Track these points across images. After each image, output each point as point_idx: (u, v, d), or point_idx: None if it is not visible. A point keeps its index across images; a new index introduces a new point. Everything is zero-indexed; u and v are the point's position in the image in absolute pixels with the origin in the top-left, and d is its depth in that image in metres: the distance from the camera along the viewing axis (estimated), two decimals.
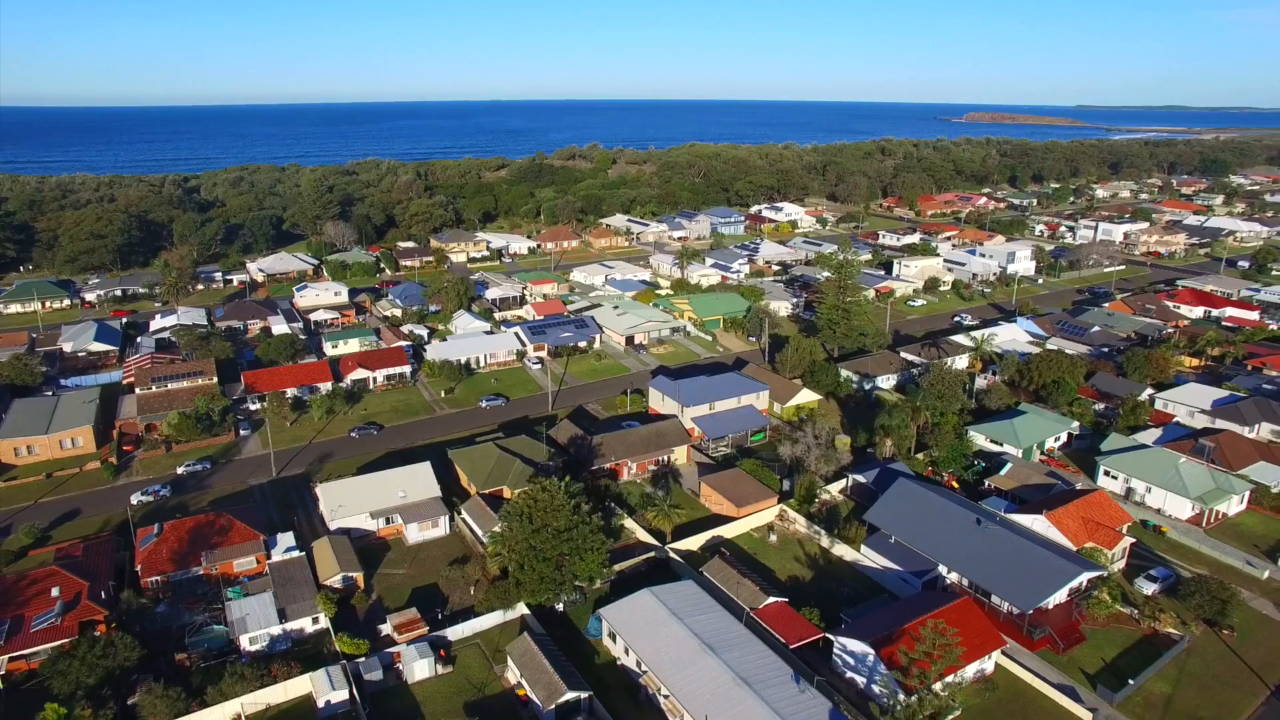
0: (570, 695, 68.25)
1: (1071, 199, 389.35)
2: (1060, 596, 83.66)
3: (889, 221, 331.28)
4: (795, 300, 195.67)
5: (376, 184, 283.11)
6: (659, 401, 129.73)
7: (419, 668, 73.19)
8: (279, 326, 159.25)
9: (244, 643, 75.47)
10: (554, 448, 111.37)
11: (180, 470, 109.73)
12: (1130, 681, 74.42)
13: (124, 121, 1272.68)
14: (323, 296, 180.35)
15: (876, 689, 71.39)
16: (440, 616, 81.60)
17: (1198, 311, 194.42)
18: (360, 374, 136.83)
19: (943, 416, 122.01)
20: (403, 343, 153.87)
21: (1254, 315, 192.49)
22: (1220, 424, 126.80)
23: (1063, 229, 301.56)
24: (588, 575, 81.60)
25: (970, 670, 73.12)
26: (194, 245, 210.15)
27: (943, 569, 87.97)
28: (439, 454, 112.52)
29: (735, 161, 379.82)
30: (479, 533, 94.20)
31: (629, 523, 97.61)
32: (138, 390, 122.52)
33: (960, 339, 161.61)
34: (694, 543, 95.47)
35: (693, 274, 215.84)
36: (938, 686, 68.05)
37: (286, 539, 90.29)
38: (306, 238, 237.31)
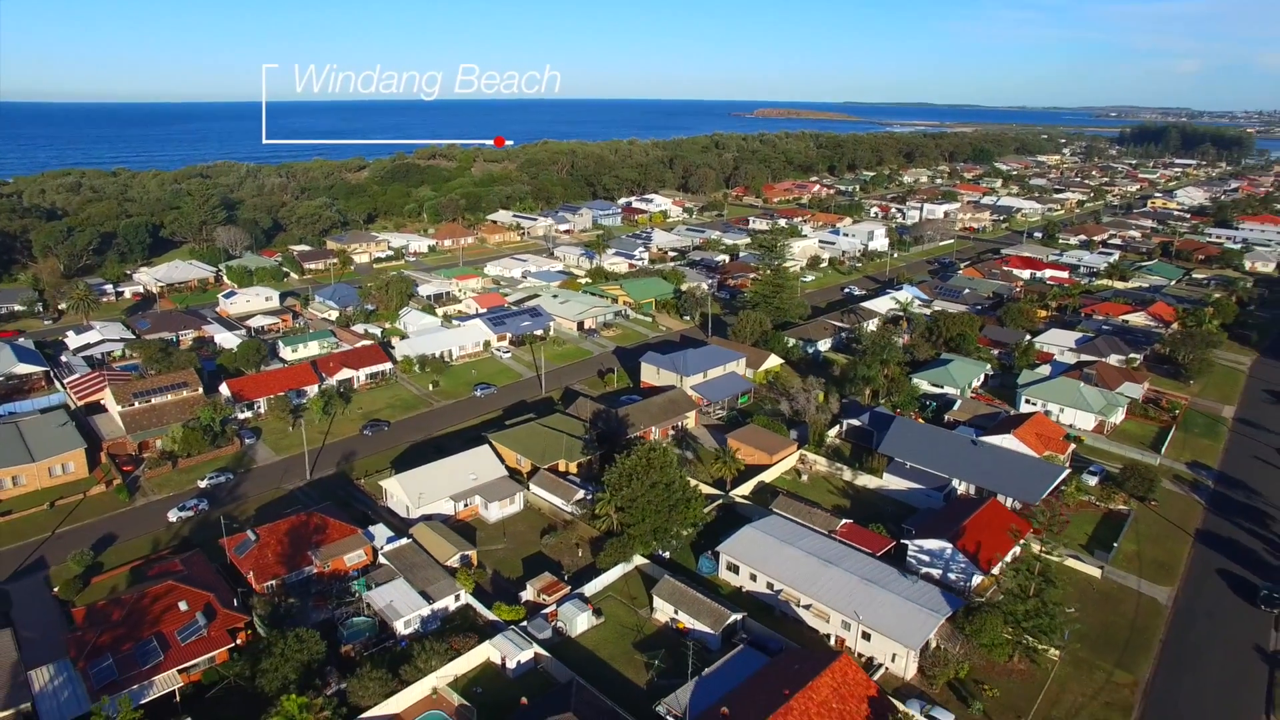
0: (734, 617, 78.18)
1: (886, 184, 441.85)
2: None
3: (744, 209, 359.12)
4: (710, 281, 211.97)
5: (239, 187, 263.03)
6: (654, 375, 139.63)
7: (580, 621, 79.29)
8: (220, 335, 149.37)
9: (399, 627, 77.27)
10: (584, 422, 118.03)
11: (203, 484, 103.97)
12: (1115, 545, 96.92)
13: None
14: (254, 302, 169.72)
15: (952, 576, 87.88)
16: (566, 578, 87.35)
17: (1026, 274, 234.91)
18: (345, 374, 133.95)
19: (887, 367, 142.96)
20: (365, 341, 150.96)
21: (1065, 274, 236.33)
22: (1085, 357, 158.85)
23: (893, 210, 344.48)
24: (692, 522, 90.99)
25: (1015, 550, 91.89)
26: (60, 257, 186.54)
27: (956, 482, 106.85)
28: (466, 440, 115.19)
29: (593, 157, 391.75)
30: (559, 503, 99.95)
31: None
32: (120, 408, 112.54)
33: (871, 305, 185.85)
34: (744, 489, 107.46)
35: (603, 263, 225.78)
36: (998, 570, 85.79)
37: (380, 530, 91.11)
38: (184, 243, 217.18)
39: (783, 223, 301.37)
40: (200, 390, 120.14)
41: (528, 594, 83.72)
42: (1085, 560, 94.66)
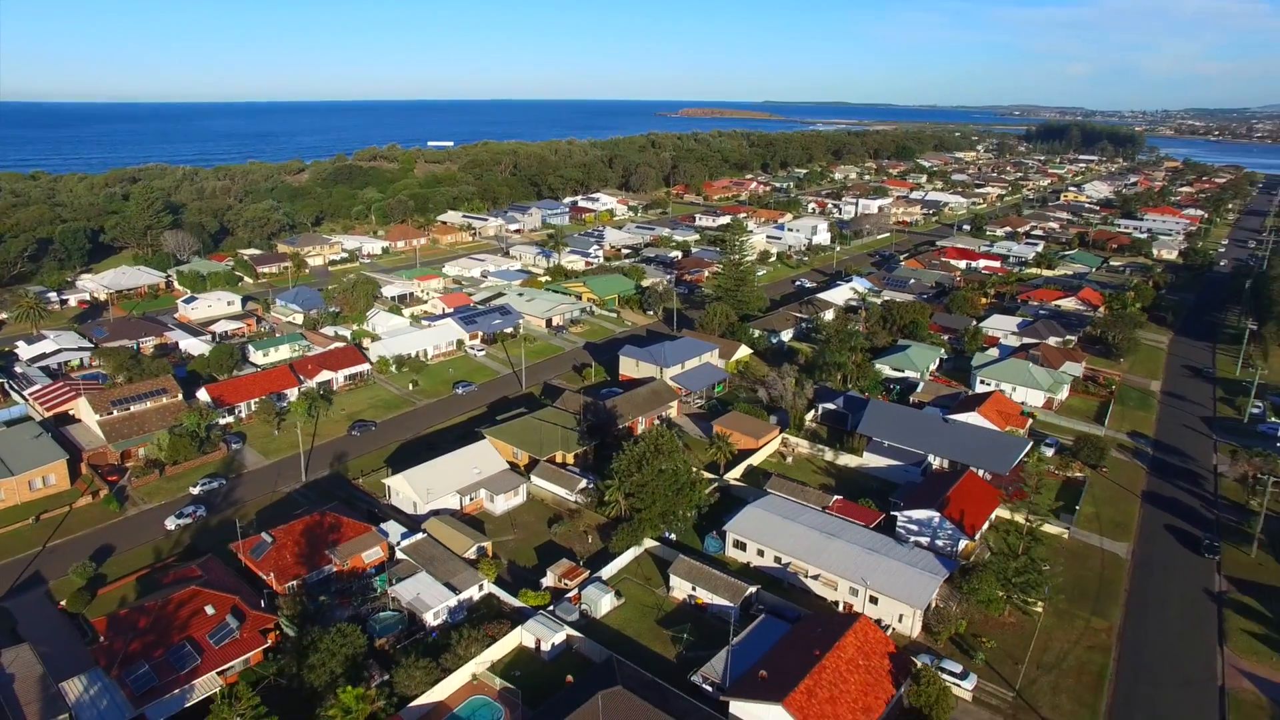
0: (751, 590, 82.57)
1: (819, 181, 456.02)
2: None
3: (686, 206, 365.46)
4: (669, 277, 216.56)
5: (176, 190, 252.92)
6: (633, 368, 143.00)
7: (604, 603, 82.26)
8: (185, 341, 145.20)
9: (429, 619, 78.66)
10: (574, 415, 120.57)
11: (195, 490, 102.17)
12: (1076, 509, 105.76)
13: None
14: (216, 307, 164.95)
15: (940, 542, 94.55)
16: (581, 563, 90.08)
17: (962, 264, 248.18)
18: (324, 375, 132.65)
19: (854, 354, 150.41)
20: (337, 344, 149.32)
21: (998, 264, 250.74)
22: (1027, 340, 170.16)
23: (830, 206, 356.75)
24: (696, 504, 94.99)
25: (992, 516, 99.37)
26: None
27: (931, 457, 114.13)
28: (456, 438, 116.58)
29: (534, 157, 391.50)
30: (562, 493, 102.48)
31: None
32: (98, 417, 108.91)
33: (826, 296, 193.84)
34: (735, 473, 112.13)
35: (561, 261, 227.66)
36: (985, 529, 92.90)
37: (393, 527, 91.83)
38: (125, 249, 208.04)
39: (727, 219, 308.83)
40: (180, 397, 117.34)
41: (548, 580, 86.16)
42: (1053, 523, 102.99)
